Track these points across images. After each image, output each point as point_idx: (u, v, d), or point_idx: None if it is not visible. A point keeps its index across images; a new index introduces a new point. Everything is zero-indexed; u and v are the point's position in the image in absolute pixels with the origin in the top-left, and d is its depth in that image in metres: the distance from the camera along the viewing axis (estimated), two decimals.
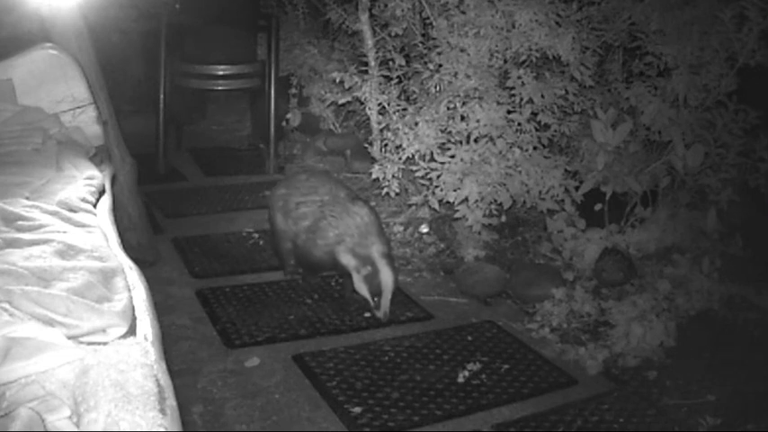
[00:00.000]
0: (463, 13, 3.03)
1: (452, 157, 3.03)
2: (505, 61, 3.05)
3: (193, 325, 2.68)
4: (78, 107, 2.51)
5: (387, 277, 2.65)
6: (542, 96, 2.98)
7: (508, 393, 2.35)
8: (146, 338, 1.33)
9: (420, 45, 3.52)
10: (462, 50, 3.03)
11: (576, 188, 3.05)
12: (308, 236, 2.84)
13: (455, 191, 2.98)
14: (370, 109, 3.69)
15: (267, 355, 2.52)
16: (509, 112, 3.03)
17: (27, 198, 1.83)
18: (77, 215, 1.78)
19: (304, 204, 2.89)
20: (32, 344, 1.16)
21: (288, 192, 2.97)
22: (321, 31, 4.62)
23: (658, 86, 2.99)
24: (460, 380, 2.41)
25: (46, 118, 2.40)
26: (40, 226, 1.65)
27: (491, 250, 3.19)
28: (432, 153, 3.11)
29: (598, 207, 3.04)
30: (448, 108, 3.10)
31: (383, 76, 3.61)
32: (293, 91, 4.60)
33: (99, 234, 1.70)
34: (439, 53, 3.11)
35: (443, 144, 3.12)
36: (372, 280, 2.65)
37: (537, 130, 3.07)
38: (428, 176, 3.09)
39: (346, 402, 2.27)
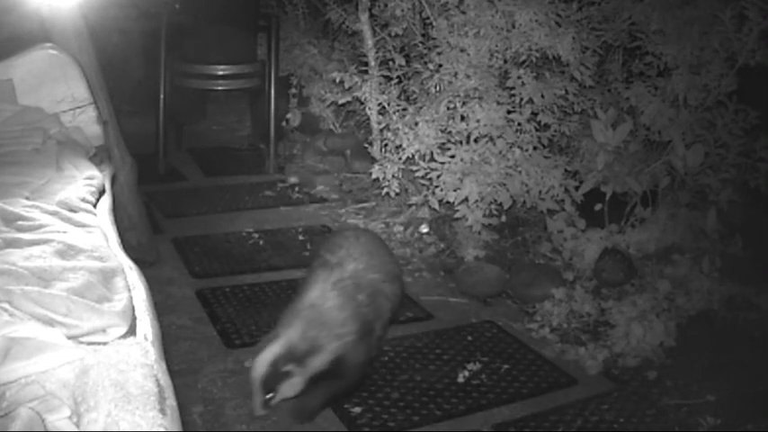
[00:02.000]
0: (463, 13, 3.03)
1: (452, 157, 3.03)
2: (505, 61, 3.05)
3: (193, 325, 2.68)
4: (78, 107, 2.51)
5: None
6: (542, 96, 2.98)
7: (508, 393, 2.35)
8: (146, 338, 1.33)
9: (420, 45, 3.52)
10: (462, 50, 3.03)
11: (576, 188, 3.05)
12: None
13: (455, 191, 2.98)
14: (370, 109, 3.69)
15: None
16: (509, 112, 3.03)
17: (27, 198, 1.83)
18: (77, 215, 1.78)
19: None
20: (32, 344, 1.16)
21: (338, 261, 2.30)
22: (321, 31, 4.62)
23: (658, 86, 2.99)
24: (460, 380, 2.41)
25: (46, 118, 2.40)
26: (40, 226, 1.65)
27: (491, 250, 3.18)
28: (432, 153, 3.11)
29: (598, 207, 3.04)
30: (448, 108, 3.10)
31: (383, 76, 3.61)
32: (293, 91, 4.60)
33: (99, 234, 1.70)
34: (439, 53, 3.11)
35: (443, 144, 3.12)
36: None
37: (537, 130, 3.07)
38: (428, 176, 3.09)
39: (346, 402, 2.27)
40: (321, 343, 2.06)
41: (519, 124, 3.05)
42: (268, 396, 2.00)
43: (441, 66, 3.10)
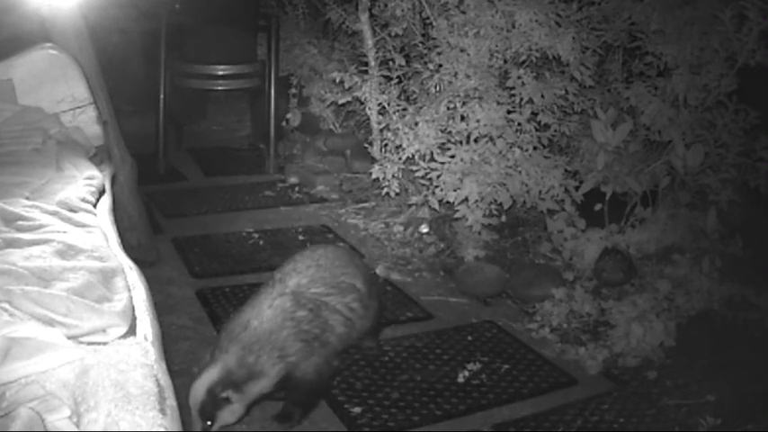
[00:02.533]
0: (463, 13, 3.03)
1: (452, 157, 3.03)
2: (505, 61, 3.05)
3: (193, 325, 2.68)
4: (78, 107, 2.51)
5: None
6: (542, 96, 2.98)
7: (508, 393, 2.35)
8: (146, 338, 1.33)
9: (420, 45, 3.52)
10: (462, 50, 3.03)
11: (576, 188, 3.05)
12: None
13: (455, 191, 2.98)
14: (370, 109, 3.69)
15: None
16: (509, 112, 3.03)
17: (27, 198, 1.83)
18: (77, 215, 1.78)
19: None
20: (32, 344, 1.16)
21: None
22: (321, 31, 4.62)
23: (658, 86, 2.99)
24: (460, 380, 2.41)
25: (46, 118, 2.40)
26: (40, 226, 1.65)
27: (491, 250, 3.18)
28: (432, 153, 3.11)
29: (598, 207, 3.04)
30: (448, 108, 3.10)
31: (383, 76, 3.61)
32: (293, 91, 4.60)
33: (99, 234, 1.70)
34: (439, 53, 3.11)
35: (443, 144, 3.12)
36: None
37: (537, 130, 3.07)
38: (428, 176, 3.09)
39: (346, 402, 2.27)
40: (261, 368, 1.97)
41: (519, 124, 3.05)
42: (208, 423, 1.91)
43: (441, 66, 3.10)
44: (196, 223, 3.59)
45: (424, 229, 3.43)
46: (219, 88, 4.41)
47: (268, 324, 2.03)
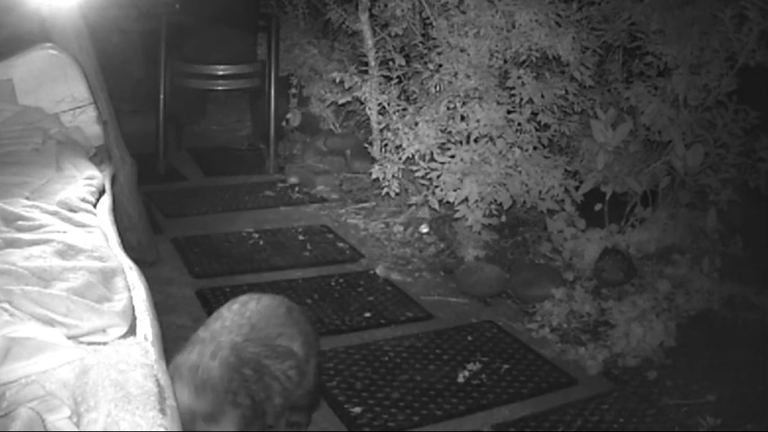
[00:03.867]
0: (463, 13, 3.03)
1: (452, 157, 3.03)
2: (505, 61, 3.05)
3: (193, 325, 2.66)
4: (78, 107, 2.51)
5: None
6: (542, 96, 2.98)
7: (508, 393, 2.35)
8: (146, 338, 1.33)
9: (420, 45, 3.52)
10: (462, 50, 3.03)
11: (576, 188, 3.05)
12: None
13: (455, 191, 2.98)
14: (370, 109, 3.69)
15: None
16: (509, 112, 3.03)
17: (27, 198, 1.83)
18: (77, 215, 1.78)
19: None
20: (32, 344, 1.16)
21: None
22: (321, 31, 4.62)
23: (658, 86, 2.99)
24: (460, 380, 2.41)
25: (46, 118, 2.40)
26: (40, 226, 1.65)
27: (491, 250, 3.18)
28: (432, 153, 3.11)
29: (598, 207, 3.04)
30: (448, 108, 3.10)
31: (383, 76, 3.61)
32: (293, 91, 4.60)
33: (99, 234, 1.70)
34: (439, 53, 3.11)
35: (443, 144, 3.12)
36: None
37: (537, 130, 3.07)
38: (428, 176, 3.09)
39: (346, 402, 2.27)
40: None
41: (519, 124, 3.05)
42: None
43: (441, 66, 3.10)
44: (196, 223, 3.59)
45: (424, 229, 3.43)
46: (219, 88, 4.41)
47: (217, 371, 1.69)
